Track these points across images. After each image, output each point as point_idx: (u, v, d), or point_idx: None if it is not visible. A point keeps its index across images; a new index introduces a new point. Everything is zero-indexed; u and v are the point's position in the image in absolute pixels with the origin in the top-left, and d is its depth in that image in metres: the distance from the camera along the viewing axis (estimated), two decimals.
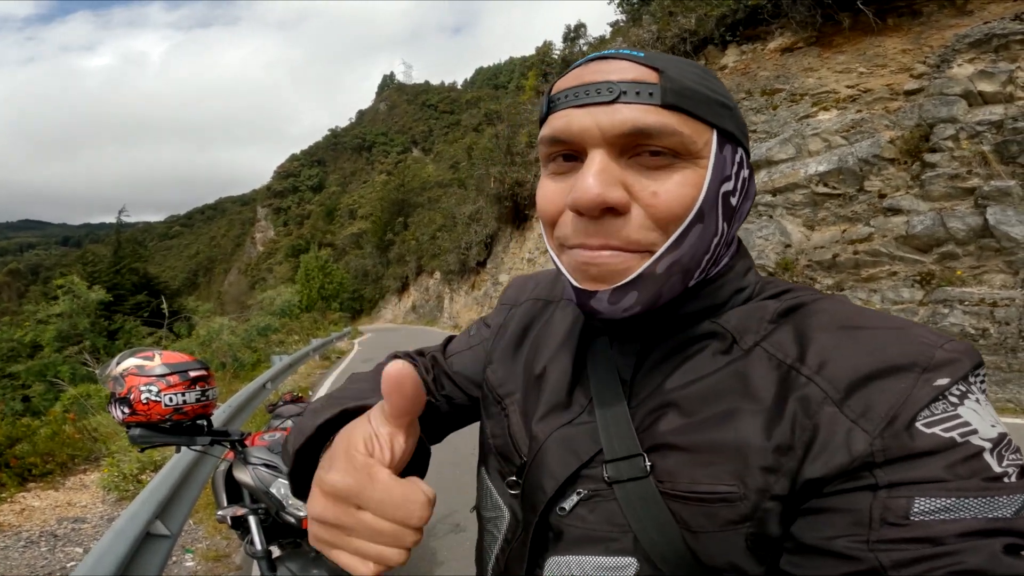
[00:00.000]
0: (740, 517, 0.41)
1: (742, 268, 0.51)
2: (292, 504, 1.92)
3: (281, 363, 8.21)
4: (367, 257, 49.22)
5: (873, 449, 0.37)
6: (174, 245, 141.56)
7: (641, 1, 15.06)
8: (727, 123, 0.45)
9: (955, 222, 5.90)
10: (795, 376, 0.41)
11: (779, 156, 7.75)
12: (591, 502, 0.47)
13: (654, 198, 0.42)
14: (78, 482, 4.65)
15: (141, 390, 1.70)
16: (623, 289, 0.44)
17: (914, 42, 7.14)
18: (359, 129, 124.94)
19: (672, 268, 0.44)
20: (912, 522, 0.35)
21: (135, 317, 18.47)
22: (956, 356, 0.39)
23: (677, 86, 0.42)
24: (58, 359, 13.11)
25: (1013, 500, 0.35)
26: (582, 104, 0.43)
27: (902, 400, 0.37)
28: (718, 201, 0.45)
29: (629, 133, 0.42)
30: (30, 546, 3.45)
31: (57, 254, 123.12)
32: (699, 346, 0.48)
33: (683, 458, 0.44)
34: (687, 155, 0.43)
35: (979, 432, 0.37)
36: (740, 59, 9.27)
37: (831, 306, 0.45)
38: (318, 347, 12.96)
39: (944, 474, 0.35)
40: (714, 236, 0.45)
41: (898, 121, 6.81)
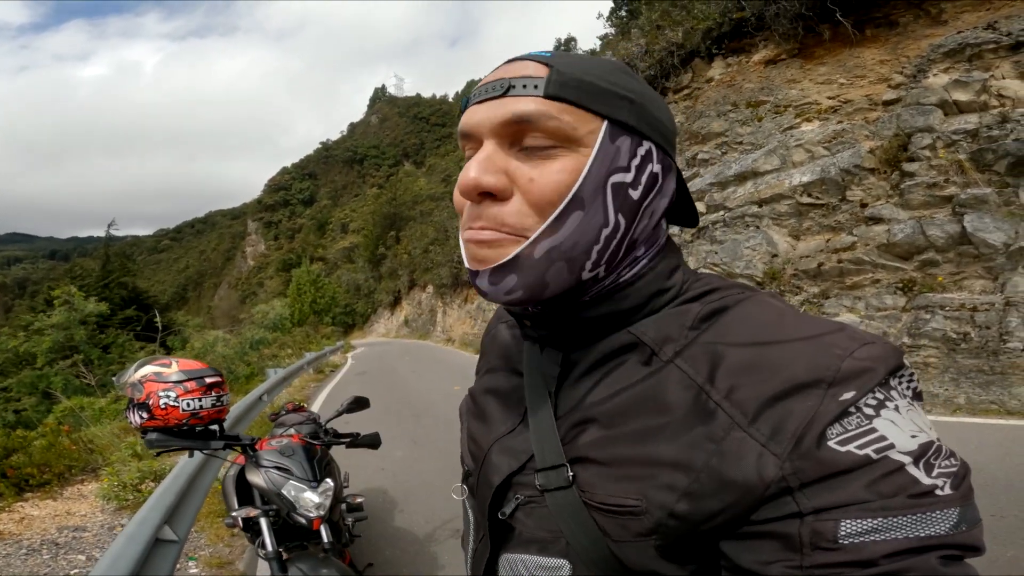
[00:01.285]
0: (646, 530, 0.42)
1: (665, 269, 0.50)
2: (303, 505, 1.98)
3: (276, 376, 8.24)
4: (359, 271, 49.04)
5: (784, 473, 0.36)
6: (163, 259, 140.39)
7: (630, 15, 15.38)
8: (623, 115, 0.45)
9: (934, 230, 6.08)
10: (704, 399, 0.41)
11: (765, 167, 7.95)
12: (528, 507, 0.50)
13: (531, 184, 0.44)
14: (76, 492, 4.66)
15: (160, 395, 1.77)
16: (502, 270, 0.45)
17: (891, 52, 7.37)
18: (350, 142, 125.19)
19: (551, 254, 0.45)
20: (842, 545, 0.35)
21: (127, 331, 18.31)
22: (867, 365, 0.38)
23: (563, 78, 0.44)
24: (50, 372, 12.97)
25: (947, 514, 0.35)
26: (480, 100, 0.46)
27: (808, 419, 0.36)
28: (605, 190, 0.45)
29: (510, 122, 0.44)
30: (32, 554, 3.46)
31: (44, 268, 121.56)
32: (619, 359, 0.48)
33: (600, 471, 0.45)
34: (568, 142, 0.44)
35: (896, 446, 0.36)
36: (726, 71, 9.51)
37: (751, 311, 0.45)
38: (312, 360, 12.96)
39: (866, 494, 0.35)
40: (603, 226, 0.45)
41: (877, 131, 7.03)
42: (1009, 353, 5.31)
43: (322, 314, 39.49)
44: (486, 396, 0.61)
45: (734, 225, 8.18)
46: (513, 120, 0.44)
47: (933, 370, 5.73)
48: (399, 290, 36.40)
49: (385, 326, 39.36)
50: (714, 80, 9.64)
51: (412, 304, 33.46)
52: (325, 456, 2.34)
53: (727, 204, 8.35)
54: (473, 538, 0.59)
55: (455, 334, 22.74)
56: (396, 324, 36.52)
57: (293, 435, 2.31)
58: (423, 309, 30.70)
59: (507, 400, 0.57)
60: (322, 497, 2.02)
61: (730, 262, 7.92)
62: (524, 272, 0.45)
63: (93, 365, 13.44)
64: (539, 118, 0.43)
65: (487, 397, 0.60)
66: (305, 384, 11.51)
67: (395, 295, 37.62)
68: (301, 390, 10.66)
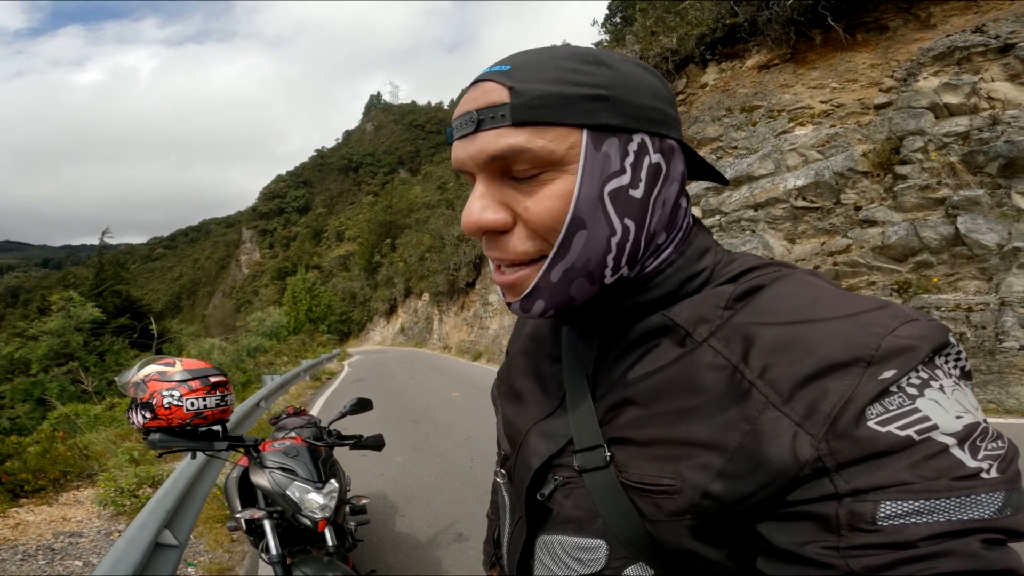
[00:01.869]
0: (680, 509, 0.42)
1: (694, 253, 0.50)
2: (307, 507, 1.95)
3: (273, 383, 8.19)
4: (355, 279, 48.95)
5: (820, 453, 0.36)
6: (157, 267, 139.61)
7: (624, 22, 15.50)
8: (602, 117, 0.43)
9: (928, 231, 6.14)
10: (739, 379, 0.41)
11: (759, 171, 8.01)
12: (566, 488, 0.51)
13: (527, 212, 0.44)
14: (71, 498, 4.61)
15: (163, 395, 1.76)
16: (529, 298, 0.47)
17: (882, 56, 7.44)
18: (346, 150, 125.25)
19: (568, 274, 0.46)
20: (880, 527, 0.34)
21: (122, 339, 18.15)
22: (909, 343, 0.37)
23: (526, 100, 0.42)
24: (45, 378, 12.82)
25: (992, 498, 0.34)
26: (459, 137, 0.46)
27: (844, 399, 0.36)
28: (602, 202, 0.44)
29: (488, 161, 0.44)
30: (28, 559, 3.41)
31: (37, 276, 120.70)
32: (654, 341, 0.48)
33: (636, 451, 0.46)
34: (550, 166, 0.43)
35: (940, 427, 0.35)
36: (720, 77, 9.60)
37: (787, 289, 0.44)
38: (309, 368, 12.91)
39: (908, 476, 0.34)
40: (611, 236, 0.45)
41: (870, 135, 7.10)
42: (1005, 352, 5.35)
43: (318, 322, 39.35)
44: (522, 379, 0.62)
45: (730, 229, 8.23)
46: (488, 159, 0.44)
47: None
48: (395, 298, 36.32)
49: (381, 334, 39.24)
50: (708, 85, 9.72)
51: (408, 312, 33.39)
52: (330, 457, 2.32)
53: (723, 208, 8.40)
54: (509, 521, 0.60)
55: (452, 342, 22.68)
56: (392, 332, 36.41)
57: (295, 437, 2.30)
58: (419, 317, 30.63)
59: (544, 383, 0.58)
60: (327, 498, 2.00)
61: None
62: (548, 295, 0.47)
63: (89, 372, 13.32)
64: (513, 153, 0.43)
65: (523, 380, 0.61)
66: (302, 391, 11.46)
67: (391, 303, 37.54)
68: (298, 397, 10.61)
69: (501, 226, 0.45)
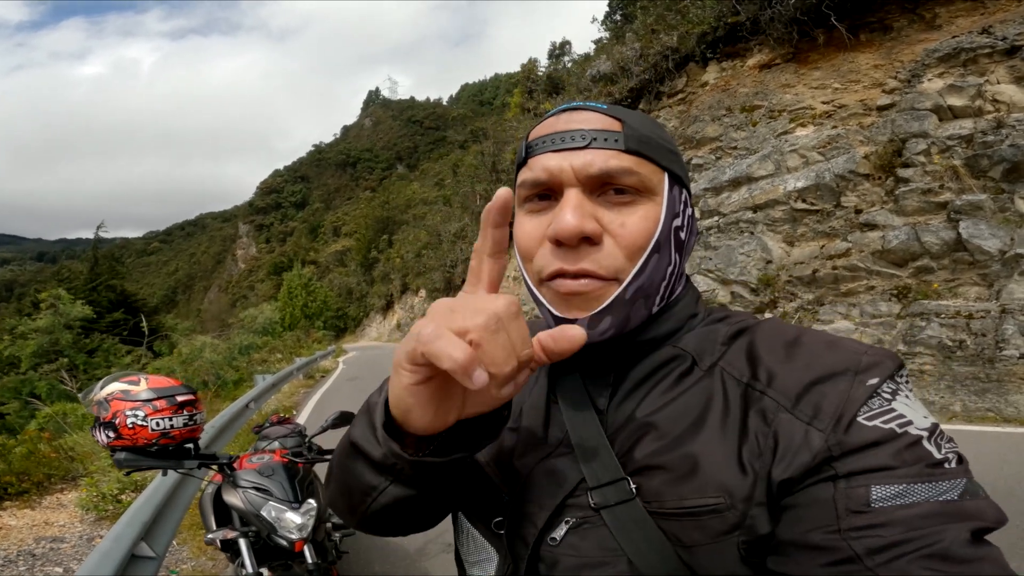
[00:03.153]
0: (730, 527, 0.43)
1: (692, 297, 0.57)
2: (284, 527, 1.90)
3: (264, 383, 8.09)
4: (351, 275, 48.90)
5: (829, 444, 0.41)
6: (152, 262, 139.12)
7: (624, 19, 15.42)
8: (675, 167, 0.53)
9: (929, 236, 6.07)
10: (751, 392, 0.46)
11: (759, 172, 7.93)
12: (580, 529, 0.49)
13: (622, 228, 0.49)
14: (55, 501, 4.52)
15: (127, 415, 1.68)
16: (600, 315, 0.49)
17: (886, 57, 7.38)
18: (343, 145, 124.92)
19: (637, 294, 0.50)
20: (874, 509, 0.38)
21: (113, 335, 18.00)
22: (880, 359, 0.45)
23: (637, 134, 0.50)
24: (34, 376, 12.70)
25: (956, 484, 0.39)
26: (558, 149, 0.49)
27: (844, 400, 0.42)
28: (671, 234, 0.51)
29: (598, 174, 0.48)
30: (7, 565, 3.35)
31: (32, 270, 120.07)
32: (665, 370, 0.52)
33: (667, 477, 0.46)
34: (645, 192, 0.50)
35: (914, 423, 0.42)
36: (721, 76, 9.51)
37: (772, 327, 0.52)
38: (302, 366, 12.81)
39: (892, 462, 0.39)
40: (668, 265, 0.52)
41: (872, 136, 7.03)
42: (1005, 361, 5.29)
43: (313, 318, 39.21)
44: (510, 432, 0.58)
45: (728, 231, 8.16)
46: (601, 173, 0.48)
47: (928, 377, 5.70)
48: (391, 294, 36.27)
49: (377, 330, 39.16)
50: (709, 84, 9.64)
51: (405, 308, 33.32)
52: (308, 474, 2.25)
53: (721, 210, 8.33)
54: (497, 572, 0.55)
55: None
56: (388, 328, 36.33)
57: (276, 451, 2.23)
58: (416, 313, 30.58)
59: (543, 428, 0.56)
60: (305, 518, 1.94)
61: (724, 268, 7.88)
62: (616, 313, 0.49)
63: (79, 370, 13.19)
64: (625, 172, 0.49)
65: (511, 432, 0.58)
66: (295, 390, 11.36)
67: (387, 299, 37.48)
68: (291, 396, 10.51)
69: (596, 235, 0.48)
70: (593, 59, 14.11)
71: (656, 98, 10.70)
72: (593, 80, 12.04)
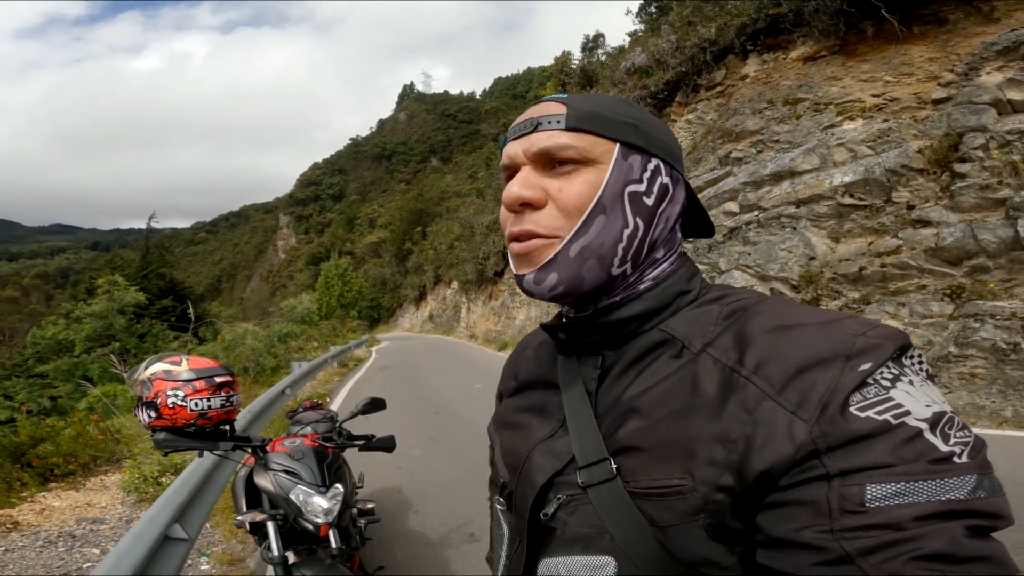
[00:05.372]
0: (694, 509, 0.44)
1: (686, 273, 0.58)
2: (310, 511, 1.92)
3: (300, 369, 8.28)
4: (385, 266, 49.61)
5: (813, 436, 0.39)
6: (199, 251, 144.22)
7: (659, 11, 15.06)
8: (630, 137, 0.54)
9: (986, 234, 5.73)
10: (736, 378, 0.45)
11: (803, 166, 7.63)
12: (570, 506, 0.52)
13: (560, 192, 0.53)
14: (99, 483, 4.72)
15: (168, 395, 1.72)
16: (544, 270, 0.53)
17: (941, 50, 6.99)
18: (379, 138, 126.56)
19: (584, 252, 0.52)
20: (868, 509, 0.37)
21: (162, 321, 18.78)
22: (878, 342, 0.42)
23: (578, 113, 0.54)
24: (87, 359, 13.35)
25: (965, 480, 0.37)
26: (516, 137, 0.56)
27: (831, 388, 0.40)
28: (623, 197, 0.53)
29: (540, 152, 0.54)
30: (48, 546, 3.48)
31: (87, 258, 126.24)
32: (654, 355, 0.53)
33: (643, 457, 0.48)
34: (587, 162, 0.53)
35: (912, 412, 0.39)
36: (762, 68, 9.18)
37: (768, 307, 0.50)
38: (336, 354, 13.08)
39: (889, 458, 0.37)
40: (624, 227, 0.53)
41: (926, 130, 6.67)
42: None
43: (349, 308, 40.00)
44: (520, 413, 0.64)
45: (769, 226, 7.89)
46: (542, 151, 0.54)
47: (980, 381, 5.40)
48: (424, 285, 36.65)
49: (410, 321, 39.70)
50: (749, 77, 9.32)
51: (437, 300, 33.64)
52: (337, 459, 2.28)
53: (761, 204, 8.05)
54: (506, 551, 0.60)
55: (479, 331, 22.74)
56: (421, 319, 36.78)
57: (307, 435, 2.26)
58: (448, 305, 30.84)
59: (544, 411, 0.60)
60: (331, 503, 1.97)
61: (764, 264, 7.64)
62: (562, 269, 0.52)
63: (129, 354, 13.80)
64: (562, 147, 0.53)
65: (521, 413, 0.64)
66: (329, 378, 11.62)
67: (420, 290, 37.89)
68: (325, 383, 10.75)
69: (536, 200, 0.53)
70: (627, 52, 13.82)
71: (693, 91, 10.41)
72: (627, 73, 11.80)
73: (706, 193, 9.03)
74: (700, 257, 8.85)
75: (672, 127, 10.76)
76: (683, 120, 10.64)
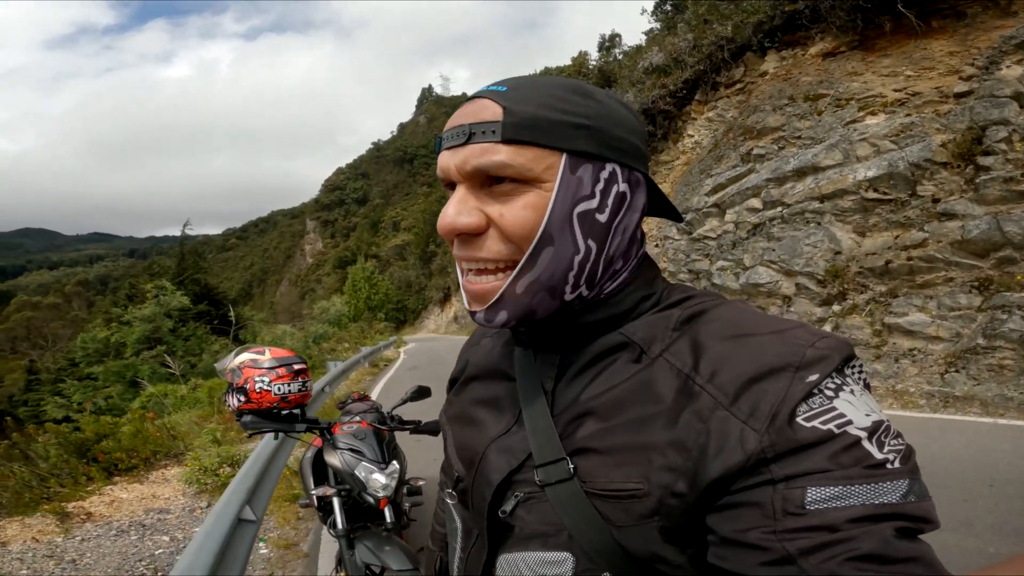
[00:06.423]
0: (648, 511, 0.45)
1: (647, 277, 0.56)
2: (371, 486, 2.11)
3: (336, 369, 8.64)
4: (410, 268, 50.09)
5: (763, 445, 0.40)
6: (230, 257, 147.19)
7: (675, 10, 15.03)
8: (580, 144, 0.48)
9: (1011, 226, 5.71)
10: (691, 384, 0.45)
11: (825, 162, 7.65)
12: (528, 504, 0.52)
13: (502, 219, 0.49)
14: (160, 476, 5.05)
15: (255, 380, 1.98)
16: (493, 308, 0.51)
17: (960, 44, 6.93)
18: (400, 142, 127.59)
19: (532, 287, 0.50)
20: (808, 511, 0.38)
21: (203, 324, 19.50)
22: (826, 353, 0.43)
23: (517, 119, 0.47)
24: (137, 361, 13.96)
25: (897, 485, 0.39)
26: (448, 147, 0.50)
27: (780, 398, 0.41)
28: (571, 221, 0.49)
29: (473, 171, 0.48)
30: (121, 535, 3.74)
31: (124, 265, 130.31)
32: (612, 358, 0.52)
33: (600, 460, 0.48)
34: (528, 181, 0.48)
35: (854, 422, 0.40)
36: (781, 65, 9.19)
37: (725, 313, 0.50)
38: (368, 355, 13.44)
39: (828, 464, 0.39)
40: (575, 254, 0.50)
41: (949, 124, 6.64)
42: None
43: (375, 310, 40.63)
44: (475, 405, 0.63)
45: (793, 221, 7.92)
46: (474, 170, 0.48)
47: (1009, 372, 5.40)
48: (449, 287, 36.97)
49: (435, 322, 40.09)
50: (768, 74, 9.32)
51: (461, 301, 33.73)
52: (392, 440, 2.46)
53: (785, 200, 8.09)
54: (461, 545, 0.60)
55: None
56: (446, 320, 37.14)
57: (361, 421, 2.43)
58: None
59: (498, 405, 0.59)
60: (389, 478, 2.14)
61: (789, 259, 7.68)
62: (511, 307, 0.50)
63: (176, 355, 14.40)
64: (499, 166, 0.47)
65: (476, 406, 0.63)
66: (361, 378, 11.97)
67: (445, 292, 38.24)
68: (358, 383, 11.09)
69: (474, 228, 0.49)
70: (645, 51, 13.85)
71: (713, 88, 10.44)
72: (646, 72, 11.84)
73: (729, 190, 9.08)
74: (724, 253, 8.91)
75: (693, 125, 10.80)
76: (703, 118, 10.68)
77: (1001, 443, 4.17)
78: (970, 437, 4.39)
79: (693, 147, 10.86)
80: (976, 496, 3.15)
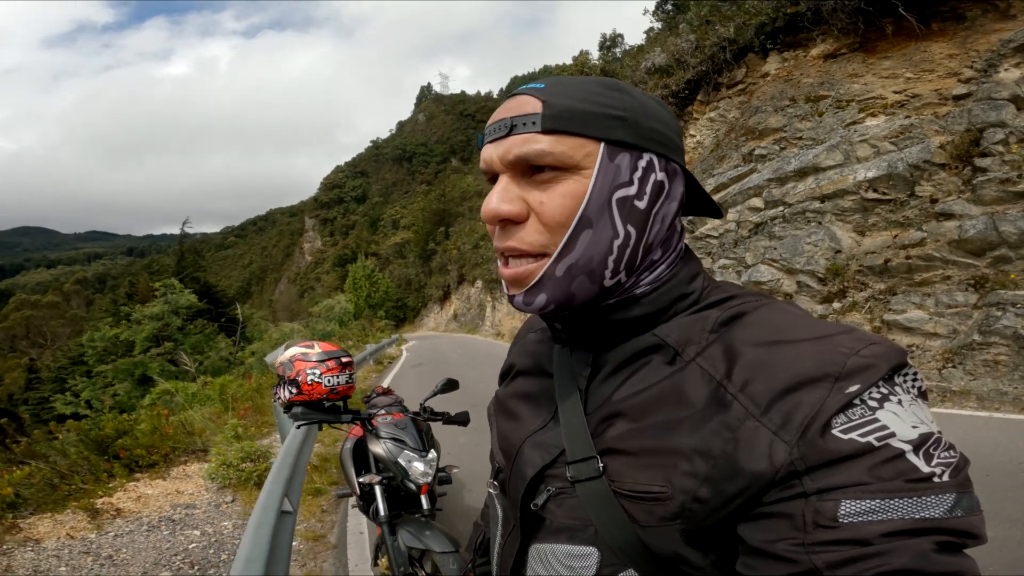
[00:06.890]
0: (671, 515, 0.45)
1: (687, 275, 0.55)
2: (413, 473, 2.22)
3: None
4: (410, 266, 50.05)
5: (793, 458, 0.39)
6: (229, 255, 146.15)
7: (676, 9, 15.13)
8: (617, 134, 0.50)
9: (1007, 226, 5.87)
10: (723, 393, 0.45)
11: (826, 163, 7.80)
12: (559, 498, 0.53)
13: (542, 206, 0.50)
14: (181, 472, 5.11)
15: (307, 373, 2.10)
16: (532, 291, 0.52)
17: (960, 46, 7.08)
18: (399, 140, 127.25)
19: (571, 270, 0.50)
20: (841, 524, 0.37)
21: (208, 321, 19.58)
22: (871, 361, 0.41)
23: (556, 111, 0.49)
24: (146, 359, 14.05)
25: (943, 499, 0.37)
26: (491, 140, 0.52)
27: (816, 409, 0.40)
28: (610, 206, 0.50)
29: (515, 160, 0.50)
30: (152, 530, 3.79)
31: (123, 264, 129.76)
32: (645, 359, 0.52)
33: (628, 461, 0.48)
34: (568, 168, 0.49)
35: (898, 435, 0.38)
36: (782, 66, 9.32)
37: (766, 316, 0.48)
38: (373, 352, 13.56)
39: (866, 477, 0.37)
40: (614, 238, 0.50)
41: (948, 126, 6.79)
42: None
43: (376, 308, 40.70)
44: (516, 399, 0.65)
45: (794, 221, 8.08)
46: (516, 159, 0.50)
47: (1003, 368, 5.56)
48: (448, 285, 37.07)
49: (435, 320, 40.19)
50: (770, 75, 9.46)
51: (461, 299, 34.02)
52: (429, 429, 2.57)
53: (787, 200, 8.24)
54: (501, 532, 0.63)
55: (505, 328, 23.07)
56: (446, 318, 37.25)
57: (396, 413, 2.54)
58: (472, 304, 31.19)
59: (538, 400, 0.61)
60: (428, 466, 2.25)
61: (790, 258, 7.83)
62: (551, 290, 0.51)
63: (186, 353, 14.49)
64: (539, 154, 0.49)
65: (517, 400, 0.65)
66: (367, 375, 12.09)
67: (445, 290, 38.33)
68: (364, 380, 11.20)
69: (515, 216, 0.50)
70: (647, 51, 13.95)
71: (715, 89, 10.57)
72: (648, 72, 11.96)
73: (731, 190, 9.23)
74: (726, 252, 9.06)
75: (695, 125, 10.93)
76: (705, 118, 10.82)
77: (996, 436, 4.33)
78: (967, 431, 4.55)
79: (695, 147, 11.00)
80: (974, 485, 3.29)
